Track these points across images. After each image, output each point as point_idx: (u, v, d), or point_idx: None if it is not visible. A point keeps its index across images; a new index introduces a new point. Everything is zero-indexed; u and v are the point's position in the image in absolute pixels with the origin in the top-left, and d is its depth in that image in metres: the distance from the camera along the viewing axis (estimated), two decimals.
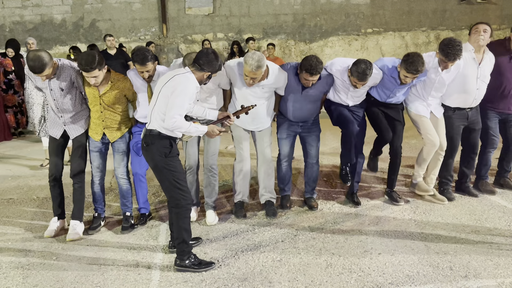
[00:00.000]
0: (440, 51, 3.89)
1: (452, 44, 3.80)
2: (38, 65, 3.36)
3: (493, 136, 4.50)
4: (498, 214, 4.08)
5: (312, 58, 3.72)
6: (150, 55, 3.62)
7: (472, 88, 4.17)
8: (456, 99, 4.24)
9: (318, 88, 4.00)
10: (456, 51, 3.80)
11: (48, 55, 3.45)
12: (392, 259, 3.31)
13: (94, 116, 3.80)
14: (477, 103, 4.30)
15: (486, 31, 4.05)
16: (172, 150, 3.15)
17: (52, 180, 3.89)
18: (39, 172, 5.81)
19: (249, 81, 3.69)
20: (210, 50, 3.18)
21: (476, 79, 4.15)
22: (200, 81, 3.19)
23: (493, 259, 3.26)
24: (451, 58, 3.84)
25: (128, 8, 10.44)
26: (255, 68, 3.54)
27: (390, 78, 4.03)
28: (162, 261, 3.39)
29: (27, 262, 3.42)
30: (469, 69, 4.12)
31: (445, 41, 3.87)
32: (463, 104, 4.26)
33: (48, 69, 3.44)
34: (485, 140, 4.54)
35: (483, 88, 4.22)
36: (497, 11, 11.15)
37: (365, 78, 3.80)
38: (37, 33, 10.24)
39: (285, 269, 3.22)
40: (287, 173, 4.35)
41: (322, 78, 3.96)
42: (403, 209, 4.27)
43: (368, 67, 3.76)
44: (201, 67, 3.12)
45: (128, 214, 4.00)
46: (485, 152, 4.58)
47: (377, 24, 11.06)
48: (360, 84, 3.88)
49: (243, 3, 10.67)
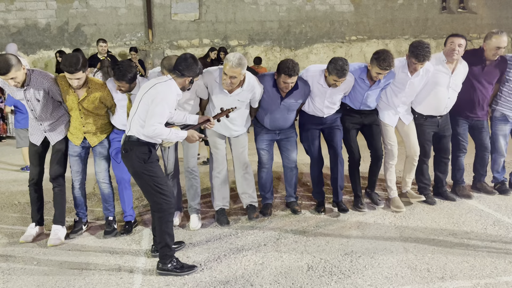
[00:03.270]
0: (410, 53, 4.01)
1: (421, 45, 3.93)
2: (3, 65, 3.30)
3: (462, 142, 4.64)
4: (475, 218, 4.19)
5: (288, 61, 3.81)
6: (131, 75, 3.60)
7: (443, 96, 4.29)
8: (428, 107, 4.36)
9: (296, 97, 4.06)
10: (425, 52, 3.91)
11: (16, 59, 3.40)
12: (372, 262, 3.37)
13: (74, 121, 3.79)
14: (447, 111, 4.44)
15: (461, 45, 4.16)
16: (151, 156, 3.17)
17: (32, 185, 3.87)
18: (21, 177, 5.76)
19: (227, 81, 3.66)
20: (188, 55, 3.21)
21: (447, 88, 4.28)
22: (183, 87, 3.22)
23: (469, 261, 3.35)
24: (421, 59, 3.95)
25: (113, 13, 10.42)
26: (236, 64, 3.55)
27: (359, 80, 4.12)
28: (145, 265, 3.40)
29: (7, 267, 3.39)
30: (440, 78, 4.24)
31: (414, 44, 4.00)
32: (435, 112, 4.38)
33: (15, 71, 3.37)
34: (454, 145, 4.67)
35: (453, 97, 4.35)
36: (477, 20, 11.45)
37: (344, 74, 3.85)
38: (21, 37, 10.15)
39: (267, 272, 3.26)
40: (268, 180, 4.39)
41: (299, 87, 4.02)
42: (384, 213, 4.35)
43: (345, 62, 3.85)
44: (182, 73, 3.15)
45: (110, 218, 3.99)
46: (455, 157, 4.71)
47: (361, 32, 11.26)
48: (339, 81, 3.92)
49: (229, 9, 10.75)
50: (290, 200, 4.49)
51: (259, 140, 4.28)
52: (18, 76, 3.42)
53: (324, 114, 4.24)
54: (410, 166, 4.52)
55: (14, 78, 3.40)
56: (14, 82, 3.44)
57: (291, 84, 3.87)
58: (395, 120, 4.39)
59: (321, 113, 4.23)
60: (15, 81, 3.43)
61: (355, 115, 4.32)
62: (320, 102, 4.16)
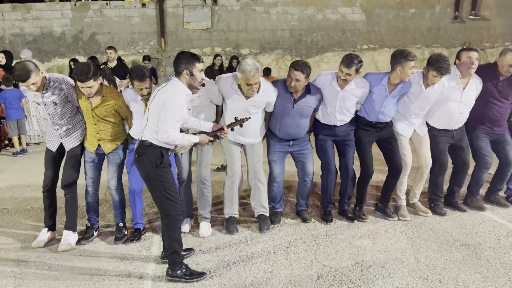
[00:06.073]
0: (430, 66, 3.98)
1: (442, 59, 3.93)
2: (23, 72, 3.41)
3: (486, 156, 4.52)
4: (488, 228, 4.12)
5: (298, 60, 3.95)
6: (148, 72, 3.69)
7: (455, 111, 4.26)
8: (440, 121, 4.33)
9: (308, 101, 4.05)
10: (446, 65, 3.92)
11: (33, 64, 3.50)
12: (383, 271, 3.34)
13: (89, 128, 3.85)
14: (459, 126, 4.39)
15: (477, 59, 4.15)
16: (163, 161, 3.19)
17: (46, 191, 3.93)
18: (34, 183, 5.83)
19: (248, 89, 3.71)
20: (179, 53, 3.25)
21: (459, 104, 4.24)
22: (190, 85, 3.22)
23: (481, 272, 3.30)
24: (443, 71, 3.94)
25: (127, 22, 10.58)
26: (255, 70, 3.62)
27: (380, 87, 4.11)
28: (154, 272, 3.41)
29: (19, 271, 3.43)
30: (452, 93, 4.21)
31: (434, 57, 3.98)
32: (447, 126, 4.35)
33: (35, 76, 3.46)
34: (478, 160, 4.58)
35: (465, 112, 4.31)
36: (490, 30, 11.35)
37: (350, 64, 3.90)
38: (36, 45, 10.35)
39: (276, 280, 3.24)
40: (278, 193, 4.38)
41: (312, 91, 4.04)
42: (395, 223, 4.31)
43: (355, 55, 3.95)
44: (182, 70, 3.16)
45: (121, 224, 4.02)
46: (478, 172, 4.61)
47: (373, 41, 11.24)
48: (345, 72, 3.93)
49: (241, 18, 10.84)
50: (300, 208, 4.47)
51: (271, 151, 4.27)
52: (38, 81, 3.52)
53: (337, 122, 4.22)
54: (420, 178, 4.49)
55: (35, 83, 3.50)
56: (35, 87, 3.54)
57: (296, 79, 3.86)
58: (410, 131, 4.35)
59: (334, 120, 4.21)
60: (36, 86, 3.54)
61: (370, 129, 4.28)
62: (332, 106, 4.15)
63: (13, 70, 3.47)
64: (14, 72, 3.44)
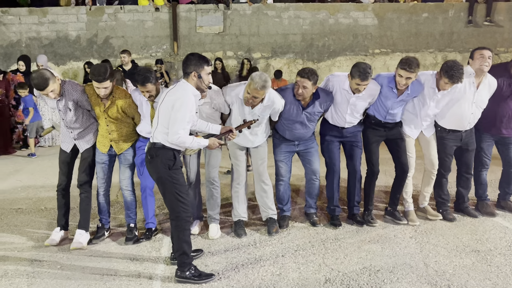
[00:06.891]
0: (444, 73, 3.95)
1: (456, 67, 3.89)
2: (41, 81, 3.51)
3: (485, 157, 4.56)
4: (499, 235, 4.08)
5: (305, 67, 3.97)
6: (152, 76, 3.71)
7: (467, 112, 4.22)
8: (450, 121, 4.30)
9: (317, 107, 4.08)
10: (460, 74, 3.89)
11: (49, 72, 3.60)
12: (391, 276, 3.33)
13: (101, 129, 3.93)
14: (471, 127, 4.36)
15: (491, 57, 4.11)
16: (175, 162, 3.24)
17: (60, 190, 4.02)
18: (48, 183, 5.94)
19: (249, 99, 3.75)
20: (188, 55, 3.25)
21: (471, 104, 4.21)
22: (198, 87, 3.24)
23: (491, 279, 3.27)
24: (456, 80, 3.92)
25: (140, 26, 10.71)
26: (260, 87, 3.64)
27: (389, 88, 4.11)
28: (164, 272, 3.45)
29: (32, 270, 3.50)
30: (465, 93, 4.18)
31: (449, 64, 3.94)
32: (458, 127, 4.31)
33: (52, 83, 3.56)
34: (476, 161, 4.58)
35: (477, 113, 4.28)
36: (504, 34, 11.22)
37: (367, 77, 3.87)
38: (52, 48, 10.53)
39: (284, 283, 3.26)
40: (286, 193, 4.39)
41: (321, 96, 4.06)
42: (404, 227, 4.29)
43: (368, 66, 3.90)
44: (190, 72, 3.18)
45: (132, 225, 4.08)
46: (478, 172, 4.62)
47: (385, 45, 11.19)
48: (362, 85, 3.92)
49: (253, 22, 10.89)
50: (309, 211, 4.48)
51: (278, 151, 4.30)
52: (55, 88, 3.62)
53: (346, 124, 4.23)
54: (428, 180, 4.46)
55: (53, 90, 3.59)
56: (54, 95, 3.64)
57: (303, 86, 3.88)
58: (417, 132, 4.34)
59: (342, 122, 4.22)
60: (54, 93, 3.63)
61: (379, 129, 4.29)
62: (343, 109, 4.15)
63: (31, 79, 3.57)
64: (32, 81, 3.54)
